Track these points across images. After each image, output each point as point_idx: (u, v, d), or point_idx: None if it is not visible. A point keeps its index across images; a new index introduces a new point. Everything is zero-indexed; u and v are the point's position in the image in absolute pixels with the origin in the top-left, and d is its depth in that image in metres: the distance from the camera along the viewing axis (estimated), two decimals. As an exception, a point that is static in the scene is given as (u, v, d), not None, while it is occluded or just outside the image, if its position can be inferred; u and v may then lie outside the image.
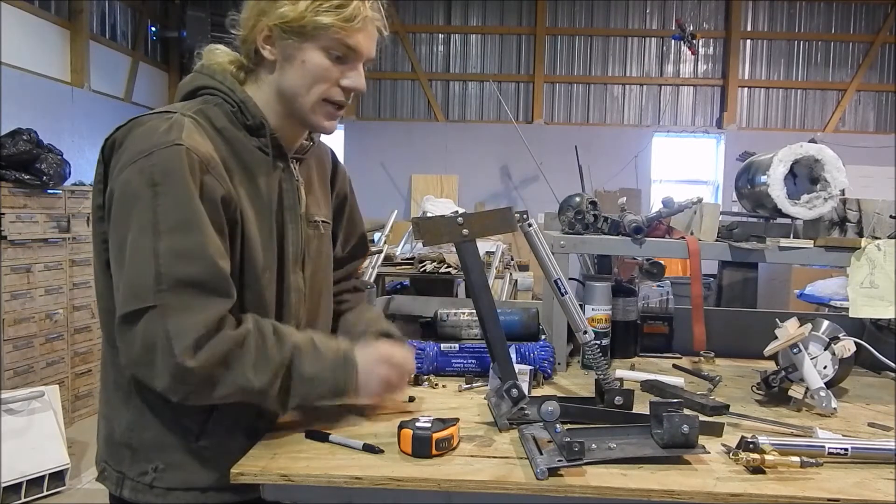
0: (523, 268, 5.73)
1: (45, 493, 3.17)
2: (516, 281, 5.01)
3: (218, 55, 1.17)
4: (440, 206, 5.56)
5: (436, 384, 1.47)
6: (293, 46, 1.11)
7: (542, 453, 1.04)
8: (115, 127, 1.08)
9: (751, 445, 1.06)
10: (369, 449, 1.07)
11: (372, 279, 3.95)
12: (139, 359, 1.00)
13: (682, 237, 1.70)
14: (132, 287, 0.99)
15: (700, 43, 8.51)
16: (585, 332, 1.40)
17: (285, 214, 1.19)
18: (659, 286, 1.90)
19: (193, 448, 1.12)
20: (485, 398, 1.35)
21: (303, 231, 1.22)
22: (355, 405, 1.22)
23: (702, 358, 1.78)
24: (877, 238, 1.64)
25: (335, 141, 8.92)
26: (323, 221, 1.30)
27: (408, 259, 4.52)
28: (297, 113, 1.15)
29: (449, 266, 4.20)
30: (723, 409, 1.31)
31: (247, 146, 1.14)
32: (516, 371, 1.24)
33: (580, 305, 1.56)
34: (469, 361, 1.54)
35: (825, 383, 1.38)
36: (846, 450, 1.07)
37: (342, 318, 1.42)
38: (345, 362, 1.13)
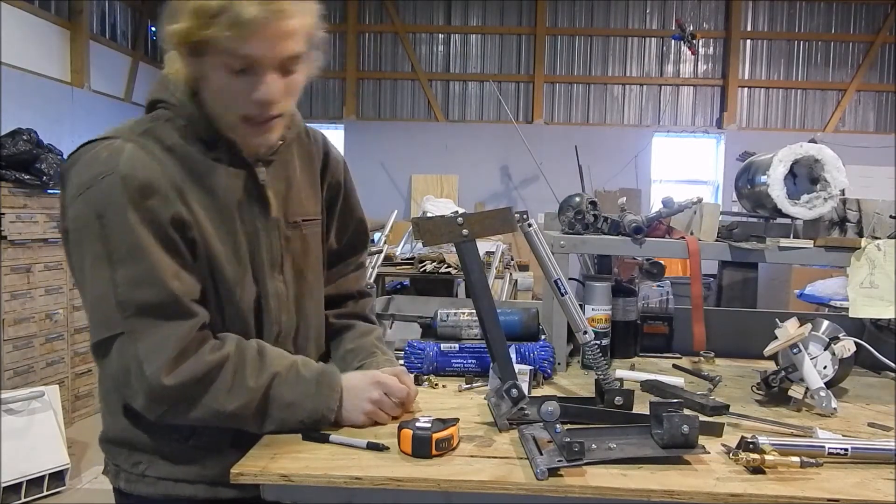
0: (523, 268, 5.74)
1: (45, 493, 3.17)
2: (516, 281, 5.02)
3: (175, 62, 1.10)
4: (440, 206, 5.57)
5: (436, 384, 1.47)
6: (195, 65, 1.03)
7: (542, 453, 1.04)
8: (70, 152, 1.08)
9: (751, 445, 1.05)
10: (374, 447, 1.07)
11: (372, 279, 3.95)
12: (118, 382, 1.05)
13: (682, 237, 1.70)
14: (98, 316, 1.02)
15: (700, 43, 8.52)
16: (585, 332, 1.40)
17: (255, 222, 1.15)
18: (659, 286, 1.89)
19: (184, 448, 1.15)
20: (485, 398, 1.35)
21: (279, 235, 1.19)
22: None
23: (702, 358, 1.78)
24: (877, 238, 1.64)
25: (335, 141, 8.90)
26: (304, 220, 1.24)
27: (408, 259, 4.52)
28: (226, 131, 1.09)
29: (449, 266, 4.20)
30: (723, 409, 1.31)
31: (201, 160, 1.10)
32: (516, 371, 1.24)
33: (580, 305, 1.56)
34: (469, 361, 1.54)
35: (825, 383, 1.38)
36: (846, 450, 1.07)
37: (338, 341, 1.37)
38: (328, 390, 1.13)
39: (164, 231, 1.03)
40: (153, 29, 8.45)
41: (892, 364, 1.61)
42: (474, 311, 1.32)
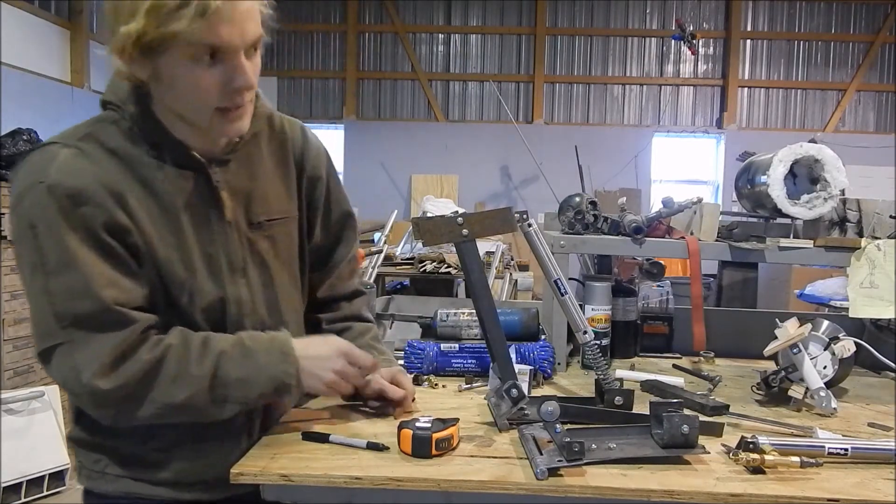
0: (523, 268, 5.73)
1: (45, 493, 3.17)
2: (516, 281, 5.01)
3: (116, 63, 1.04)
4: (440, 206, 5.57)
5: (436, 384, 1.47)
6: (146, 66, 0.99)
7: (542, 453, 1.04)
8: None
9: (751, 445, 1.06)
10: (374, 447, 1.07)
11: (372, 279, 3.95)
12: (66, 391, 1.07)
13: (682, 237, 1.70)
14: (39, 326, 1.02)
15: (700, 43, 8.51)
16: (585, 332, 1.40)
17: (210, 225, 1.11)
18: (659, 286, 1.90)
19: (144, 450, 1.13)
20: (485, 398, 1.35)
21: (239, 237, 1.14)
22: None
23: (702, 358, 1.78)
24: (877, 238, 1.64)
25: (335, 141, 8.96)
26: (270, 220, 1.18)
27: (408, 259, 4.52)
28: (199, 128, 1.06)
29: (449, 266, 4.20)
30: (723, 409, 1.31)
31: (146, 163, 1.06)
32: (516, 371, 1.24)
33: (580, 305, 1.56)
34: (469, 361, 1.54)
35: (825, 383, 1.38)
36: (846, 450, 1.07)
37: None
38: (280, 356, 1.10)
39: (98, 238, 1.01)
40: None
41: (892, 364, 1.61)
42: (474, 311, 1.32)
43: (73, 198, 0.99)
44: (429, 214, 3.46)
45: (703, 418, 1.17)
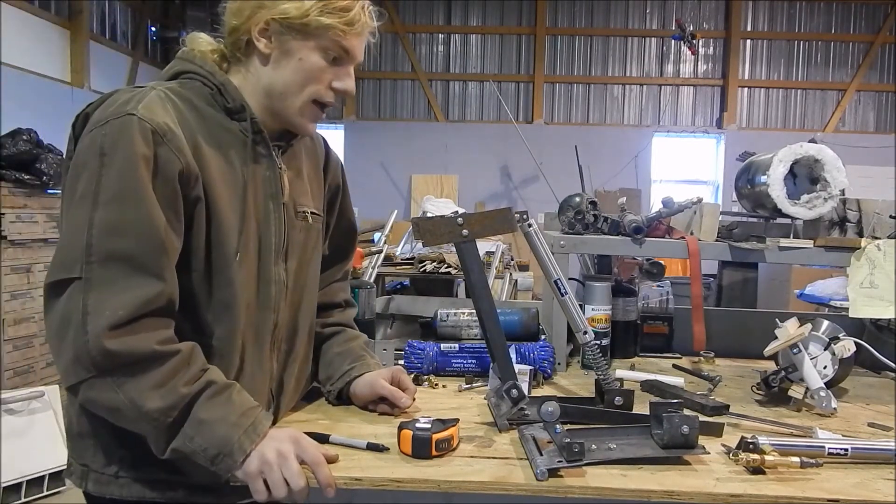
0: (523, 268, 5.73)
1: (45, 493, 3.16)
2: (516, 281, 5.01)
3: (200, 43, 1.15)
4: (440, 206, 5.56)
5: (436, 384, 1.47)
6: (292, 43, 1.09)
7: (542, 454, 1.04)
8: (88, 102, 1.06)
9: (751, 446, 1.06)
10: (374, 447, 1.07)
11: (372, 279, 3.95)
12: (54, 332, 0.96)
13: (682, 237, 1.70)
14: (63, 256, 0.96)
15: (700, 43, 8.52)
16: (585, 333, 1.40)
17: (267, 202, 1.14)
18: (659, 286, 1.89)
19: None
20: (485, 398, 1.35)
21: (287, 221, 1.17)
22: None
23: (702, 358, 1.78)
24: (877, 238, 1.64)
25: (335, 141, 8.94)
26: (311, 213, 1.24)
27: (408, 259, 4.52)
28: (284, 112, 1.13)
29: (449, 266, 4.20)
30: (723, 409, 1.31)
31: (225, 127, 1.11)
32: (516, 371, 1.24)
33: (580, 305, 1.56)
34: (469, 361, 1.54)
35: (825, 383, 1.38)
36: (846, 450, 1.07)
37: (327, 346, 1.34)
38: (251, 428, 1.00)
39: (170, 183, 1.00)
40: (153, 29, 8.45)
41: (892, 364, 1.61)
42: (474, 311, 1.32)
43: (157, 135, 0.99)
44: (429, 214, 3.46)
45: (703, 418, 1.17)
